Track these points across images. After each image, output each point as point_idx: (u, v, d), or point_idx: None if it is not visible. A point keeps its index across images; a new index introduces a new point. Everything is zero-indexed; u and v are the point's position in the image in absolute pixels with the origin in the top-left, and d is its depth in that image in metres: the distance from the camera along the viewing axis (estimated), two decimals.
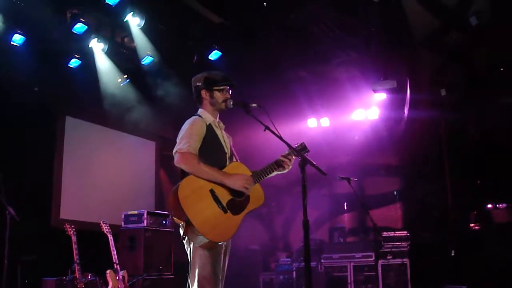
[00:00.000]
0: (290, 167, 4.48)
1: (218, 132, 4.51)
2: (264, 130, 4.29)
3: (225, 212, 4.16)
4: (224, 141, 4.54)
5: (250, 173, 4.36)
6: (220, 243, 4.21)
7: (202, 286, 4.14)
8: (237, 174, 4.24)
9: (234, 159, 4.60)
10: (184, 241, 4.27)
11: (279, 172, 4.50)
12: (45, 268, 8.25)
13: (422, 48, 10.06)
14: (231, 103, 4.45)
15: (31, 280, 7.93)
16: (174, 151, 4.25)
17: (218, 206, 4.15)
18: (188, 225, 4.09)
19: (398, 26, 9.43)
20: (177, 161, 4.20)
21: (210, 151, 4.36)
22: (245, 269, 11.12)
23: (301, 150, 4.44)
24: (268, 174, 4.42)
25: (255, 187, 4.35)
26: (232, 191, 4.23)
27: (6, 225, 6.85)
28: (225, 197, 4.19)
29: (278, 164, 4.45)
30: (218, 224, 4.14)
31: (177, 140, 4.29)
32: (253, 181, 4.29)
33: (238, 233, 4.45)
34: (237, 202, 4.22)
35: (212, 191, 4.15)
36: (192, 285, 4.18)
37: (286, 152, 4.47)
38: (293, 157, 4.45)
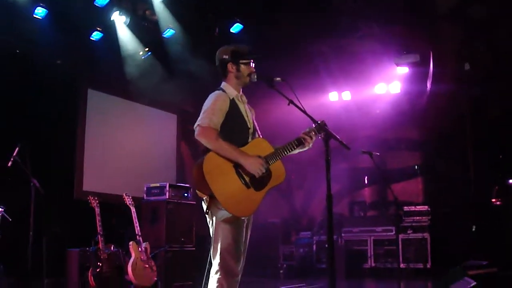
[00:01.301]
0: (311, 145, 4.46)
1: (241, 106, 4.49)
2: (288, 104, 4.27)
3: (248, 187, 4.17)
4: (247, 116, 4.53)
5: (273, 150, 4.35)
6: (242, 218, 4.23)
7: (224, 259, 4.16)
8: (254, 157, 4.21)
9: (257, 134, 4.59)
10: (207, 215, 4.30)
11: (301, 150, 4.48)
12: (69, 239, 8.37)
13: (445, 21, 9.92)
14: (255, 76, 4.44)
15: (56, 251, 8.05)
16: (195, 125, 4.25)
17: (241, 182, 4.16)
18: (212, 198, 4.11)
19: None
20: (197, 134, 4.21)
21: (233, 126, 4.35)
22: (265, 242, 11.19)
23: (323, 126, 4.40)
24: (289, 151, 4.40)
25: (276, 163, 4.34)
26: None
27: (31, 197, 6.94)
28: (248, 172, 4.19)
29: (299, 142, 4.43)
30: (241, 199, 4.15)
31: (200, 115, 4.29)
32: (269, 161, 4.29)
33: (258, 207, 4.46)
34: (259, 178, 4.23)
35: (235, 166, 4.16)
36: (214, 258, 4.21)
37: (307, 129, 4.44)
38: (314, 134, 4.43)
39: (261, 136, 4.55)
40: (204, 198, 4.20)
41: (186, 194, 9.45)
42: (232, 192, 4.10)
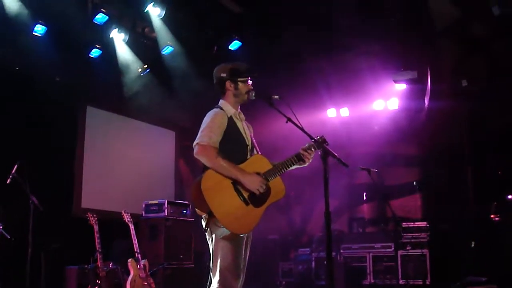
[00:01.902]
0: (310, 160, 4.46)
1: (239, 124, 4.51)
2: (286, 122, 4.29)
3: (247, 204, 4.18)
4: (245, 133, 4.54)
5: (271, 166, 4.36)
6: (242, 235, 4.23)
7: (224, 277, 4.15)
8: (254, 174, 4.22)
9: (255, 151, 4.60)
10: (206, 233, 4.30)
11: (299, 166, 4.49)
12: (68, 256, 8.35)
13: (443, 38, 9.97)
14: (254, 94, 4.46)
15: (54, 268, 8.02)
16: (194, 143, 4.26)
17: (240, 199, 4.17)
18: (210, 216, 4.12)
19: (419, 16, 9.36)
20: (197, 153, 4.22)
21: (231, 143, 4.36)
22: (264, 259, 11.16)
23: (322, 142, 4.42)
24: (288, 168, 4.40)
25: (276, 180, 4.35)
26: None
27: (29, 214, 6.93)
28: (246, 189, 4.20)
29: (298, 158, 4.44)
30: (240, 216, 4.16)
31: (199, 133, 4.31)
32: (268, 178, 4.30)
33: (258, 223, 4.46)
34: (257, 196, 4.23)
35: (234, 183, 4.17)
36: (214, 276, 4.20)
37: (306, 145, 4.45)
38: (313, 150, 4.43)
39: (259, 153, 4.56)
40: (203, 216, 4.21)
41: (184, 211, 9.45)
42: (230, 209, 4.11)
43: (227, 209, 4.10)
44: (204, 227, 4.24)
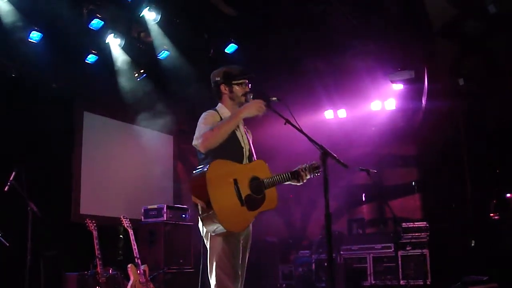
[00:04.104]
0: (305, 181, 4.54)
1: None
2: (285, 124, 4.29)
3: (242, 204, 4.17)
4: (242, 136, 4.54)
5: (270, 174, 4.39)
6: (235, 235, 4.21)
7: (220, 280, 4.15)
8: (248, 103, 4.36)
9: (253, 158, 4.59)
10: (203, 235, 4.30)
11: (293, 183, 4.55)
12: (67, 263, 8.33)
13: (439, 37, 9.97)
14: (251, 96, 4.46)
15: (53, 274, 8.00)
16: (194, 143, 4.28)
17: (237, 197, 4.16)
18: (207, 207, 4.08)
19: (416, 15, 9.36)
20: (200, 146, 4.24)
21: (226, 146, 4.34)
22: (264, 262, 11.15)
23: (316, 168, 4.49)
24: (285, 181, 4.46)
25: (271, 190, 4.38)
26: (252, 187, 4.24)
27: (28, 221, 6.91)
28: (244, 190, 4.20)
29: (296, 175, 4.50)
30: (234, 214, 4.15)
31: (195, 135, 4.34)
32: (267, 185, 4.34)
33: (256, 226, 4.46)
34: (253, 198, 4.23)
35: (235, 181, 4.17)
36: (211, 278, 4.21)
37: (304, 165, 4.52)
38: (309, 173, 4.53)
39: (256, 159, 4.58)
40: (199, 205, 4.17)
41: (183, 215, 9.45)
42: (227, 205, 4.10)
43: (224, 204, 4.09)
44: (199, 217, 4.22)
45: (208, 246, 4.27)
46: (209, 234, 4.24)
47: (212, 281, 4.20)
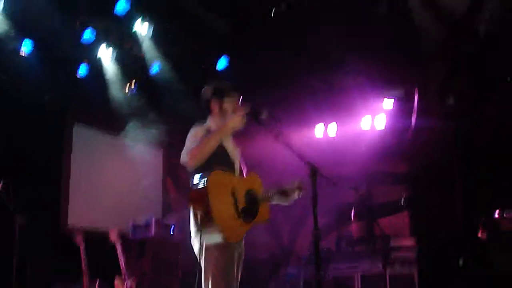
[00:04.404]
0: (292, 201, 4.57)
1: (225, 143, 4.50)
2: (274, 140, 4.30)
3: (238, 217, 4.19)
4: (232, 152, 4.54)
5: (262, 188, 4.41)
6: (230, 247, 4.20)
7: None
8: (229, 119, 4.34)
9: (243, 173, 4.60)
10: (197, 251, 4.26)
11: (280, 202, 4.57)
12: (54, 275, 8.26)
13: (430, 57, 10.04)
14: (242, 114, 4.46)
15: (40, 286, 7.93)
16: (181, 161, 4.28)
17: (234, 209, 4.17)
18: (206, 216, 4.07)
19: (406, 34, 9.42)
20: (188, 163, 4.24)
21: (215, 157, 4.35)
22: (253, 278, 11.08)
23: (299, 187, 4.51)
24: (273, 198, 4.48)
25: (265, 204, 4.37)
26: (247, 199, 4.25)
27: (14, 233, 6.85)
28: (241, 202, 4.21)
29: (284, 193, 4.53)
30: (231, 224, 4.17)
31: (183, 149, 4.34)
32: (260, 201, 4.38)
33: (245, 242, 4.45)
34: (248, 211, 4.24)
35: (233, 193, 4.17)
36: None
37: (295, 184, 4.55)
38: (296, 193, 4.55)
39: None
40: (198, 214, 4.15)
41: (172, 231, 9.40)
42: (225, 214, 4.13)
43: (223, 213, 4.11)
44: (195, 226, 4.20)
45: (202, 262, 4.24)
46: (203, 249, 4.21)
47: None
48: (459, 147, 10.83)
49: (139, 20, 8.82)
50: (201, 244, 4.23)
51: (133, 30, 8.86)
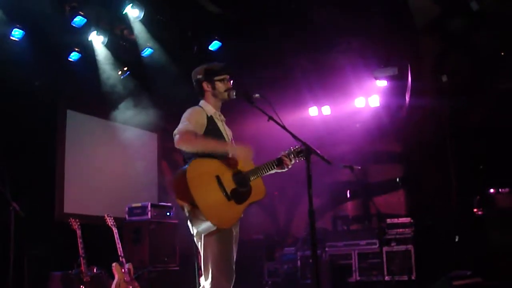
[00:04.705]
0: (290, 166, 4.51)
1: (219, 124, 4.51)
2: (268, 121, 4.28)
3: (229, 199, 4.16)
4: (226, 134, 4.54)
5: (253, 166, 4.39)
6: (228, 230, 4.20)
7: (217, 279, 4.12)
8: (238, 145, 4.34)
9: None
10: (194, 234, 4.27)
11: (279, 171, 4.53)
12: (51, 262, 8.28)
13: (423, 34, 10.02)
14: (234, 93, 4.45)
15: (37, 274, 7.94)
16: (174, 133, 4.26)
17: (223, 193, 4.15)
18: (193, 208, 4.07)
19: (399, 12, 9.39)
20: (177, 142, 4.21)
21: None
22: (249, 259, 11.11)
23: (299, 152, 4.47)
24: (268, 171, 4.45)
25: (257, 180, 4.38)
26: (236, 180, 4.24)
27: (10, 221, 6.85)
28: (229, 185, 4.19)
29: (279, 162, 4.48)
30: (222, 210, 4.14)
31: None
32: (251, 177, 4.34)
33: (241, 223, 4.45)
34: (240, 191, 4.23)
35: (218, 177, 4.15)
36: (206, 278, 4.19)
37: (287, 151, 4.50)
38: (294, 157, 4.52)
39: None
40: (185, 207, 4.16)
41: (168, 213, 9.41)
42: (213, 202, 4.08)
43: (210, 201, 4.08)
44: (186, 219, 4.20)
45: (201, 247, 4.24)
46: (200, 237, 4.22)
47: (208, 280, 4.17)
48: (453, 125, 10.84)
49: (129, 4, 8.74)
50: (197, 233, 4.24)
51: (124, 12, 8.78)
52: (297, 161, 4.46)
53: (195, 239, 4.31)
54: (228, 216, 4.17)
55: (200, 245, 4.26)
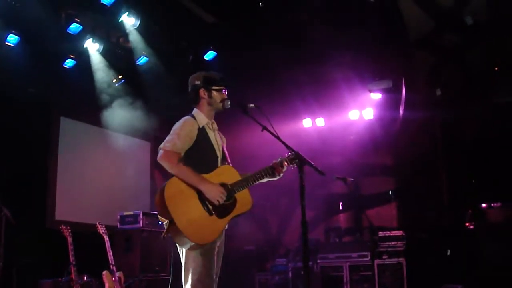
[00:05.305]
0: (282, 175, 4.46)
1: (211, 134, 4.48)
2: (262, 131, 4.28)
3: (210, 214, 4.14)
4: (217, 144, 4.51)
5: (239, 178, 4.34)
6: (210, 243, 4.18)
7: None
8: (215, 184, 4.19)
9: (226, 163, 4.56)
10: (178, 248, 4.27)
11: (271, 179, 4.47)
12: (41, 270, 8.22)
13: (417, 48, 10.07)
14: (229, 103, 4.44)
15: (27, 281, 7.89)
16: (159, 146, 4.25)
17: (204, 208, 4.13)
18: (172, 224, 4.07)
19: (394, 26, 9.44)
20: (159, 158, 4.22)
21: (201, 154, 4.34)
22: (241, 270, 11.10)
23: (294, 158, 4.39)
24: (258, 180, 4.37)
25: (243, 192, 4.32)
26: None
27: (1, 227, 6.81)
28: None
29: (271, 171, 4.42)
30: (202, 226, 4.12)
31: (166, 138, 4.29)
32: (235, 190, 4.27)
33: (233, 234, 4.44)
34: (223, 205, 4.19)
35: (199, 193, 4.13)
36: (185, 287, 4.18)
37: (279, 159, 4.43)
38: (286, 164, 4.42)
39: (230, 164, 4.53)
40: (164, 222, 4.15)
41: (160, 222, 9.33)
42: (193, 219, 4.07)
43: (189, 218, 4.07)
44: (163, 234, 4.19)
45: (183, 259, 4.24)
46: (181, 251, 4.22)
47: None
48: (446, 138, 10.89)
49: (125, 12, 8.75)
50: (180, 247, 4.24)
51: (120, 20, 8.79)
52: (292, 167, 4.38)
53: (178, 247, 4.31)
54: (209, 231, 4.15)
55: (181, 254, 4.26)
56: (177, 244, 4.21)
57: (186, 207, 4.09)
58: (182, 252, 4.23)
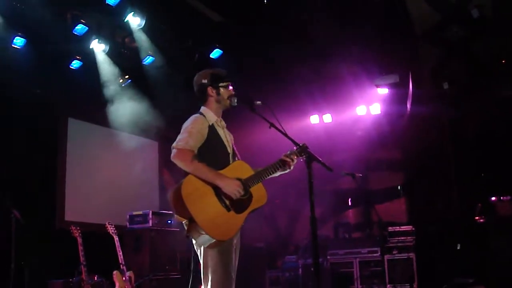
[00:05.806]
0: (292, 167, 4.44)
1: (220, 131, 4.48)
2: (269, 128, 4.27)
3: (228, 210, 4.13)
4: (227, 141, 4.51)
5: (252, 172, 4.33)
6: (228, 241, 4.18)
7: None
8: (232, 178, 4.18)
9: (236, 158, 4.56)
10: (194, 243, 4.26)
11: (282, 172, 4.45)
12: (52, 270, 8.25)
13: (424, 42, 10.03)
14: (236, 100, 4.43)
15: (37, 282, 7.92)
16: (172, 146, 4.25)
17: (221, 204, 4.12)
18: (191, 223, 4.06)
19: (400, 20, 9.41)
20: (173, 157, 4.20)
21: (213, 151, 4.33)
22: (251, 267, 11.10)
23: (304, 149, 4.37)
24: (270, 174, 4.36)
25: (258, 186, 4.31)
26: None
27: (11, 229, 6.84)
28: (228, 195, 4.16)
29: (281, 164, 4.41)
30: (221, 222, 4.11)
31: (178, 136, 4.29)
32: (250, 184, 4.26)
33: (243, 231, 4.43)
34: (239, 200, 4.18)
35: (215, 189, 4.13)
36: (205, 286, 4.17)
37: (288, 151, 4.43)
38: (296, 156, 4.40)
39: (240, 159, 4.53)
40: (183, 222, 4.15)
41: (169, 221, 9.39)
42: (212, 216, 4.06)
43: (208, 215, 4.05)
44: (185, 234, 4.19)
45: (201, 256, 4.23)
46: (200, 249, 4.21)
47: None
48: (454, 132, 10.85)
49: (131, 12, 8.75)
50: (196, 243, 4.23)
51: (126, 20, 8.80)
52: (301, 160, 4.35)
53: (195, 246, 4.30)
54: (228, 227, 4.15)
55: (199, 253, 4.25)
56: (195, 242, 4.20)
57: (204, 204, 4.08)
58: (200, 251, 4.21)
